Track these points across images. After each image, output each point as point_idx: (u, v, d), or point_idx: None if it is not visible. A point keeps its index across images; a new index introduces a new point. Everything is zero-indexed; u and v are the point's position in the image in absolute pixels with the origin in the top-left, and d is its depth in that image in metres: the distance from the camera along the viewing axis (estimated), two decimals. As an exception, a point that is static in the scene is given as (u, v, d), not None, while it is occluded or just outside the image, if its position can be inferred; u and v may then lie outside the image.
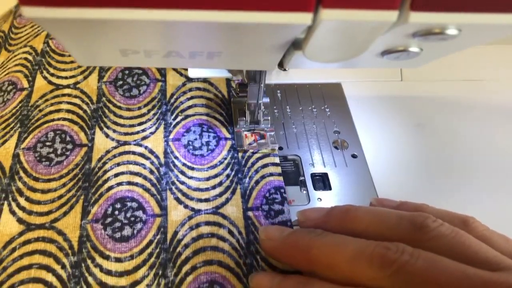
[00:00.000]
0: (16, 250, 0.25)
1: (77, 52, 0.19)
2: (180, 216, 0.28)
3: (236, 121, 0.34)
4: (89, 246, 0.26)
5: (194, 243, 0.27)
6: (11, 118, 0.32)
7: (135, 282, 0.25)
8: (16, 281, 0.24)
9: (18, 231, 0.26)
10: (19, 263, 0.25)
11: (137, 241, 0.26)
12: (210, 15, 0.14)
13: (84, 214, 0.27)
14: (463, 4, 0.15)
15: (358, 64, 0.23)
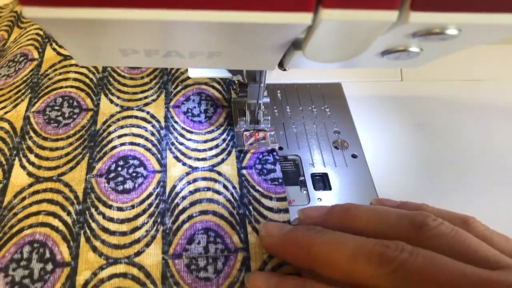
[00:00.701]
0: (25, 199, 0.28)
1: (77, 52, 0.19)
2: (178, 172, 0.30)
3: (236, 121, 0.34)
4: (93, 196, 0.28)
5: (191, 195, 0.29)
6: (22, 85, 0.35)
7: (135, 228, 0.27)
8: (25, 225, 0.26)
9: (27, 183, 0.28)
10: (28, 210, 0.27)
11: (138, 193, 0.28)
12: (210, 15, 0.14)
13: (89, 170, 0.29)
14: (463, 4, 0.15)
15: (358, 64, 0.23)
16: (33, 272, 0.25)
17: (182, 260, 0.26)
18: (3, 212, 0.27)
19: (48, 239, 0.26)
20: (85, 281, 0.25)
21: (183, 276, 0.26)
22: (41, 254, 0.25)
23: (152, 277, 0.25)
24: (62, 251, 0.26)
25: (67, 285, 0.25)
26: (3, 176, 0.29)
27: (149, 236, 0.27)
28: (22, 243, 0.26)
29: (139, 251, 0.26)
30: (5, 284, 0.24)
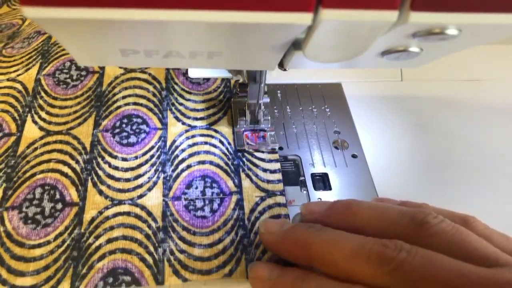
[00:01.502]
0: (37, 149, 0.31)
1: (77, 52, 0.19)
2: (178, 129, 0.33)
3: (236, 121, 0.34)
4: (99, 148, 0.31)
5: (189, 148, 0.32)
6: (33, 52, 0.38)
7: (138, 175, 0.30)
8: (37, 170, 0.29)
9: (39, 136, 0.32)
10: (39, 158, 0.30)
11: (140, 146, 0.32)
12: (210, 15, 0.15)
13: (95, 125, 0.32)
14: (463, 4, 0.15)
15: (358, 64, 0.23)
16: (45, 210, 0.28)
17: (181, 201, 0.29)
18: (17, 160, 0.30)
19: (58, 183, 0.29)
20: (91, 218, 0.28)
21: (182, 214, 0.28)
22: (51, 195, 0.28)
23: (153, 215, 0.28)
24: (71, 194, 0.29)
25: (75, 221, 0.27)
26: (16, 129, 0.32)
27: (151, 182, 0.30)
28: (34, 186, 0.29)
29: (141, 194, 0.29)
30: (19, 219, 0.27)
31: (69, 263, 0.26)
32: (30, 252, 0.26)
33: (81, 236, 0.27)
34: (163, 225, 0.28)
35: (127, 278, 0.26)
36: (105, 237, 0.27)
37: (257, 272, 0.25)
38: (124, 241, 0.27)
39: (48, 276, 0.25)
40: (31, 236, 0.27)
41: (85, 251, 0.26)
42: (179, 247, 0.27)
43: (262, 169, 0.31)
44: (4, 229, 0.27)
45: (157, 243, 0.27)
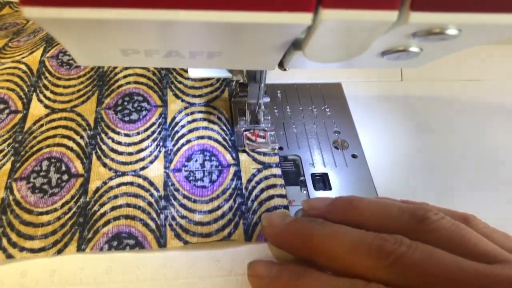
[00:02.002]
0: (43, 125, 0.32)
1: (77, 52, 0.19)
2: (177, 106, 0.35)
3: (236, 121, 0.34)
4: (103, 124, 0.33)
5: (189, 124, 0.33)
6: (39, 40, 0.39)
7: (140, 150, 0.32)
8: (43, 145, 0.31)
9: (44, 113, 0.33)
10: (45, 134, 0.32)
11: (142, 123, 0.33)
12: (210, 15, 0.15)
13: (98, 103, 0.34)
14: (463, 4, 0.15)
15: (358, 64, 0.23)
16: (51, 180, 0.29)
17: (181, 173, 0.31)
18: (24, 136, 0.32)
19: (64, 156, 0.31)
20: (96, 188, 0.29)
21: (182, 184, 0.30)
22: (57, 167, 0.30)
23: (155, 185, 0.30)
24: (76, 166, 0.30)
25: (80, 191, 0.29)
26: (23, 107, 0.34)
27: (153, 156, 0.31)
28: (41, 159, 0.30)
29: (143, 166, 0.31)
30: (27, 189, 0.29)
31: (75, 228, 0.28)
32: (38, 218, 0.28)
33: (86, 204, 0.29)
34: (165, 194, 0.29)
35: (131, 242, 0.27)
36: (109, 205, 0.29)
37: (255, 270, 0.25)
38: (128, 208, 0.28)
39: (55, 240, 0.27)
40: (39, 204, 0.28)
41: (90, 218, 0.28)
42: (180, 213, 0.29)
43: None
44: (13, 197, 0.28)
45: (159, 210, 0.29)
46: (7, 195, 0.28)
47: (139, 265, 0.26)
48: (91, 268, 0.26)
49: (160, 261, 0.27)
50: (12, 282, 0.25)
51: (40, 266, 0.26)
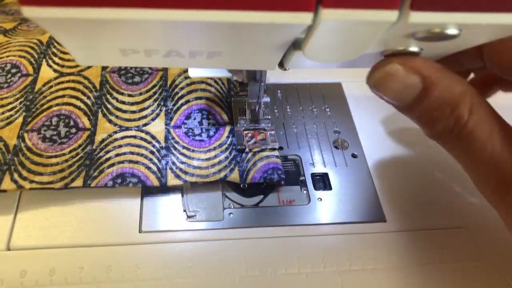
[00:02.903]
0: (52, 87, 0.35)
1: (77, 51, 0.19)
2: (176, 70, 0.37)
3: (236, 120, 0.34)
4: (108, 86, 0.35)
5: (187, 87, 0.36)
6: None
7: (143, 108, 0.34)
8: (53, 104, 0.34)
9: (54, 76, 0.36)
10: (55, 94, 0.34)
11: (144, 84, 0.36)
12: (210, 15, 0.15)
13: (103, 68, 0.37)
14: (463, 4, 0.15)
15: (358, 64, 0.23)
16: (60, 133, 0.32)
17: (181, 129, 0.33)
18: (34, 95, 0.34)
19: (72, 113, 0.33)
20: (102, 139, 0.32)
21: (182, 138, 0.33)
22: (66, 123, 0.33)
23: (156, 138, 0.33)
24: (84, 121, 0.33)
25: (87, 141, 0.32)
26: (33, 71, 0.36)
27: (154, 114, 0.34)
28: (50, 115, 0.33)
29: (146, 123, 0.34)
30: (38, 138, 0.31)
31: (82, 168, 0.30)
32: (47, 160, 0.30)
33: (92, 151, 0.31)
34: (166, 145, 0.32)
35: (134, 180, 0.30)
36: (114, 152, 0.31)
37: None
38: (131, 155, 0.31)
39: (63, 176, 0.30)
40: (49, 150, 0.31)
41: (96, 161, 0.31)
42: (180, 159, 0.31)
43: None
44: (25, 145, 0.31)
45: (161, 157, 0.32)
46: (19, 143, 0.31)
47: (139, 264, 0.26)
48: (90, 268, 0.26)
49: (160, 261, 0.27)
50: (12, 281, 0.25)
51: (40, 265, 0.26)
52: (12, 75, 0.35)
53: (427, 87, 0.20)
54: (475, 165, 0.22)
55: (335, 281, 0.27)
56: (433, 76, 0.20)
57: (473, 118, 0.20)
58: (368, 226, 0.30)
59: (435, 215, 0.31)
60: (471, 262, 0.29)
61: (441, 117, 0.21)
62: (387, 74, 0.20)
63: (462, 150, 0.22)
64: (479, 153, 0.21)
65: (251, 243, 0.28)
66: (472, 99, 0.20)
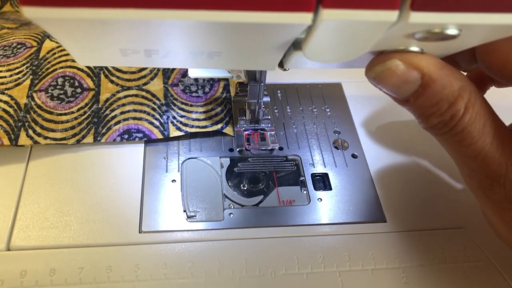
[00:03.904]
0: (55, 53, 0.37)
1: (77, 51, 0.19)
2: None
3: (236, 120, 0.34)
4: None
5: None
6: None
7: (142, 69, 0.37)
8: (58, 67, 0.36)
9: (56, 45, 0.37)
10: (58, 59, 0.36)
11: None
12: (210, 15, 0.15)
13: None
14: (463, 4, 0.15)
15: (358, 64, 0.23)
16: (67, 92, 0.34)
17: (178, 87, 0.36)
18: (39, 61, 0.36)
19: (76, 75, 0.35)
20: (106, 98, 0.34)
21: (180, 95, 0.36)
22: (71, 83, 0.35)
23: (156, 96, 0.35)
24: (87, 82, 0.35)
25: (93, 100, 0.34)
26: (37, 44, 0.38)
27: (152, 74, 0.37)
28: (56, 77, 0.35)
29: (145, 82, 0.36)
30: (46, 97, 0.34)
31: (91, 126, 0.33)
32: (58, 117, 0.33)
33: (99, 110, 0.34)
34: (165, 102, 0.35)
35: (139, 135, 0.33)
36: (118, 110, 0.34)
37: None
38: (135, 112, 0.34)
39: (74, 133, 0.32)
40: (58, 107, 0.33)
41: (103, 119, 0.33)
42: (179, 113, 0.34)
43: None
44: (35, 103, 0.33)
45: (162, 113, 0.34)
46: (29, 102, 0.33)
47: (139, 264, 0.26)
48: (90, 268, 0.26)
49: (160, 261, 0.27)
50: (12, 282, 0.25)
51: (40, 265, 0.26)
52: (18, 49, 0.37)
53: (426, 83, 0.20)
54: (464, 158, 0.22)
55: (335, 281, 0.27)
56: (433, 73, 0.20)
57: (468, 114, 0.21)
58: (368, 226, 0.30)
59: (435, 215, 0.31)
60: (471, 262, 0.29)
61: (438, 112, 0.21)
62: (387, 69, 0.20)
63: (453, 143, 0.22)
64: (469, 147, 0.21)
65: (251, 243, 0.28)
66: (470, 95, 0.21)
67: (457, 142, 0.22)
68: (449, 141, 0.22)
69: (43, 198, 0.29)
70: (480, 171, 0.22)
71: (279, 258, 0.28)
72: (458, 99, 0.20)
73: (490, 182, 0.22)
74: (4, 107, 0.33)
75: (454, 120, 0.21)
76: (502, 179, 0.21)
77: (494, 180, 0.21)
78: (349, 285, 0.27)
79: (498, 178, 0.21)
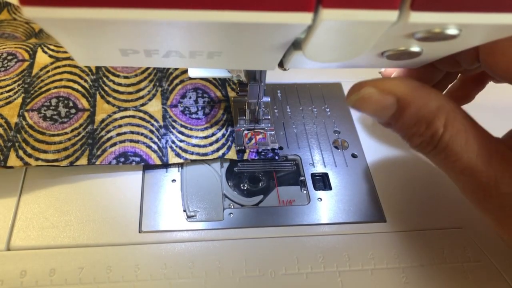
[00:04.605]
0: (49, 71, 0.35)
1: (77, 52, 0.19)
2: None
3: (236, 120, 0.34)
4: (104, 69, 0.36)
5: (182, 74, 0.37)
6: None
7: (139, 89, 0.35)
8: (51, 86, 0.34)
9: (50, 61, 0.36)
10: (52, 78, 0.35)
11: (139, 66, 0.37)
12: (210, 15, 0.15)
13: None
14: (463, 4, 0.15)
15: (358, 64, 0.23)
16: (60, 113, 0.33)
17: (177, 108, 0.35)
18: (32, 79, 0.35)
19: (71, 95, 0.34)
20: (102, 119, 0.33)
21: (179, 117, 0.34)
22: (65, 104, 0.33)
23: (155, 117, 0.34)
24: (82, 103, 0.34)
25: (88, 121, 0.33)
26: (29, 57, 0.36)
27: (151, 94, 0.35)
28: (49, 97, 0.33)
29: (143, 103, 0.35)
30: (39, 117, 0.32)
31: (85, 147, 0.31)
32: (51, 138, 0.31)
33: (94, 131, 0.32)
34: (164, 124, 0.34)
35: (137, 159, 0.31)
36: (114, 132, 0.32)
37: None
38: (132, 134, 0.32)
39: (67, 154, 0.31)
40: (50, 128, 0.32)
41: (98, 140, 0.32)
42: (179, 138, 0.33)
43: None
44: (26, 123, 0.32)
45: (160, 136, 0.33)
46: (20, 121, 0.32)
47: (139, 264, 0.26)
48: (90, 268, 0.26)
49: (160, 261, 0.27)
50: (12, 282, 0.25)
51: (40, 265, 0.26)
52: (9, 61, 0.36)
53: (402, 106, 0.21)
54: (454, 174, 0.23)
55: (335, 281, 0.27)
56: (407, 95, 0.21)
57: (448, 132, 0.21)
58: (368, 226, 0.30)
59: (435, 215, 0.31)
60: (471, 262, 0.29)
61: (418, 133, 0.22)
62: (361, 97, 0.22)
63: (440, 160, 0.23)
64: (455, 163, 0.22)
65: (251, 243, 0.28)
66: (448, 113, 0.21)
67: (443, 159, 0.22)
68: (435, 158, 0.23)
69: (43, 198, 0.29)
70: (470, 184, 0.22)
71: (279, 258, 0.28)
72: (435, 119, 0.21)
73: (482, 193, 0.22)
74: None
75: (435, 139, 0.22)
76: (494, 190, 0.21)
77: (486, 191, 0.22)
78: (349, 285, 0.27)
79: (489, 190, 0.22)
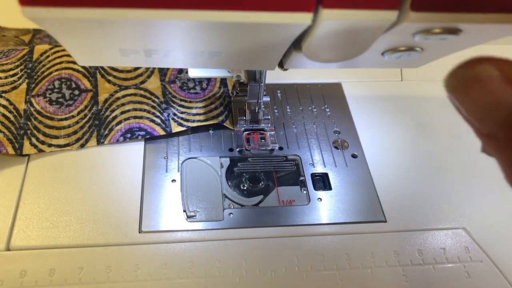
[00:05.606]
0: (49, 56, 0.36)
1: (77, 52, 0.19)
2: None
3: (236, 120, 0.34)
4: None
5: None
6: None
7: (137, 68, 0.36)
8: (52, 70, 0.35)
9: (49, 47, 0.37)
10: (52, 62, 0.36)
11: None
12: (211, 15, 0.14)
13: None
14: (463, 4, 0.15)
15: (358, 64, 0.23)
16: (65, 95, 0.34)
17: (176, 84, 0.36)
18: (33, 64, 0.36)
19: (72, 76, 0.35)
20: (105, 99, 0.34)
21: (178, 92, 0.36)
22: (68, 85, 0.34)
23: (155, 94, 0.35)
24: (84, 83, 0.35)
25: (92, 102, 0.34)
26: (28, 46, 0.37)
27: (149, 71, 0.36)
28: (52, 80, 0.34)
29: (142, 81, 0.36)
30: (45, 102, 0.34)
31: (93, 128, 0.33)
32: (59, 123, 0.33)
33: (99, 111, 0.34)
34: (164, 100, 0.35)
35: (142, 133, 0.33)
36: (118, 110, 0.34)
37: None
38: (135, 111, 0.34)
39: (77, 137, 0.33)
40: (58, 112, 0.33)
41: (104, 120, 0.33)
42: (180, 110, 0.34)
43: None
44: (34, 109, 0.33)
45: (162, 110, 0.34)
46: (28, 107, 0.33)
47: (139, 264, 0.26)
48: (90, 268, 0.26)
49: (160, 261, 0.27)
50: (12, 282, 0.25)
51: (40, 265, 0.26)
52: (9, 52, 0.37)
53: None
54: None
55: (335, 281, 0.27)
56: None
57: None
58: (368, 226, 0.30)
59: (435, 215, 0.31)
60: (471, 262, 0.29)
61: None
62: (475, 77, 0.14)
63: None
64: None
65: (251, 243, 0.28)
66: None
67: None
68: None
69: (43, 198, 0.29)
70: None
71: (279, 258, 0.28)
72: None
73: None
74: (3, 112, 0.32)
75: None
76: None
77: None
78: (349, 284, 0.27)
79: None
